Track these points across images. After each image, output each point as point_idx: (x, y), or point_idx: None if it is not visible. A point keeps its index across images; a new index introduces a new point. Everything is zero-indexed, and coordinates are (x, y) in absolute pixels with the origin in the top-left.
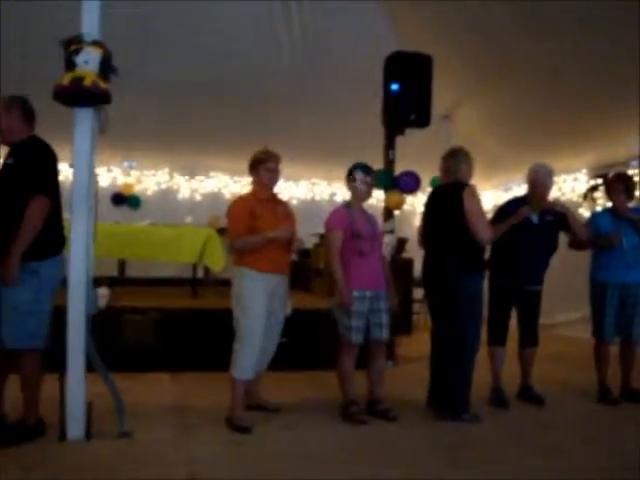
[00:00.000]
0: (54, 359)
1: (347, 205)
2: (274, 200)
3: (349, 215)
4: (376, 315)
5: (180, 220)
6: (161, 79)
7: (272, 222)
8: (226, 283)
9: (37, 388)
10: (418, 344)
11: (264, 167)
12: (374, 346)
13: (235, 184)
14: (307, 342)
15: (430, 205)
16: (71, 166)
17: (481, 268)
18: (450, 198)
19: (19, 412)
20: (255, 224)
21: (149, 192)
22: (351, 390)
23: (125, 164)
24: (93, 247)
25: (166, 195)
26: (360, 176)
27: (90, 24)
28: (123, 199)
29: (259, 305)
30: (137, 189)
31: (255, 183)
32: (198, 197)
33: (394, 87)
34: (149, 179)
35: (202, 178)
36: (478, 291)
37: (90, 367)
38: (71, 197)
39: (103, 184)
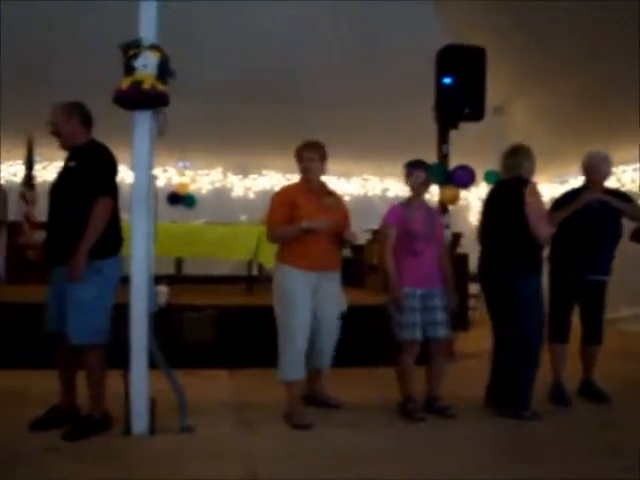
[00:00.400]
0: (118, 356)
1: (405, 202)
2: (321, 191)
3: (405, 213)
4: (430, 313)
5: (234, 218)
6: (214, 81)
7: (313, 213)
8: None
9: (102, 383)
10: (475, 340)
11: (302, 156)
12: (432, 344)
13: (288, 182)
14: (362, 338)
15: (490, 201)
16: (131, 168)
17: (539, 267)
18: (511, 195)
19: (87, 407)
20: (295, 215)
21: (203, 191)
22: (410, 388)
23: (180, 164)
24: (154, 246)
25: (220, 194)
26: (416, 172)
27: (147, 28)
28: (179, 199)
29: (299, 303)
30: (192, 188)
31: (300, 176)
32: (251, 195)
33: (447, 81)
34: (203, 178)
35: (255, 176)
36: (537, 291)
37: (153, 364)
38: (131, 198)
39: (159, 184)
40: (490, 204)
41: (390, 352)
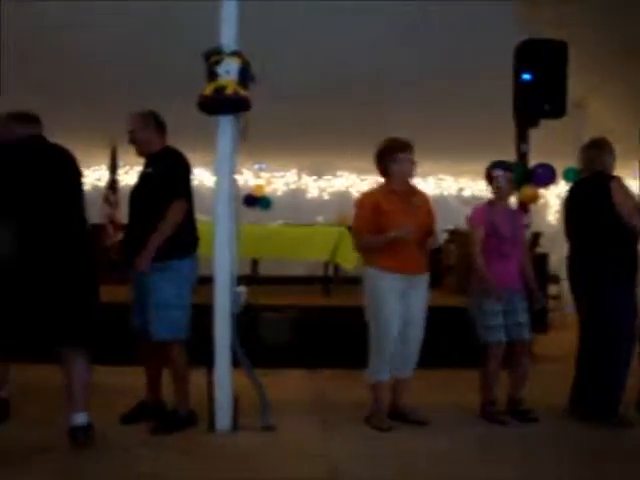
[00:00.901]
0: (202, 354)
1: (490, 203)
2: (408, 192)
3: (491, 213)
4: (514, 315)
5: (309, 219)
6: (289, 82)
7: (400, 218)
8: (356, 281)
9: (186, 379)
10: (555, 343)
11: (395, 157)
12: (517, 346)
13: (362, 182)
14: (439, 340)
15: (572, 200)
16: (213, 171)
17: (633, 275)
18: (595, 191)
19: (172, 403)
20: (382, 221)
21: (279, 193)
22: (493, 390)
23: (256, 166)
24: (237, 248)
25: (295, 195)
26: (500, 173)
27: (228, 35)
28: (255, 200)
29: (389, 307)
30: (267, 190)
31: (384, 175)
32: (326, 196)
33: (526, 77)
34: (278, 180)
35: (329, 177)
36: (628, 297)
37: (235, 362)
38: (211, 200)
39: None
40: (573, 203)
41: (468, 354)
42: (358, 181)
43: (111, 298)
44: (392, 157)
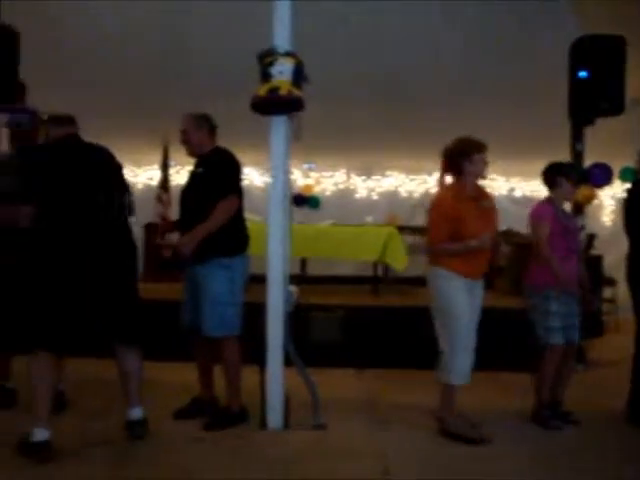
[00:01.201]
0: (254, 352)
1: (550, 200)
2: (479, 195)
3: (554, 210)
4: (571, 317)
5: (358, 220)
6: (338, 82)
7: (476, 225)
8: (406, 281)
9: (238, 376)
10: (610, 346)
11: (471, 157)
12: (569, 349)
13: (411, 182)
14: (489, 342)
15: (632, 199)
16: (269, 171)
17: None
18: None
19: (225, 400)
20: (458, 227)
21: (327, 193)
22: (547, 393)
23: (305, 166)
24: (290, 247)
25: (344, 195)
26: (566, 176)
27: (282, 36)
28: (304, 200)
29: (464, 304)
30: (316, 190)
31: (456, 178)
32: (375, 196)
33: (582, 74)
34: (327, 180)
35: (378, 177)
36: None
37: (286, 361)
38: (260, 200)
39: None
40: (633, 203)
41: (516, 357)
42: (407, 181)
43: (163, 295)
44: (468, 157)
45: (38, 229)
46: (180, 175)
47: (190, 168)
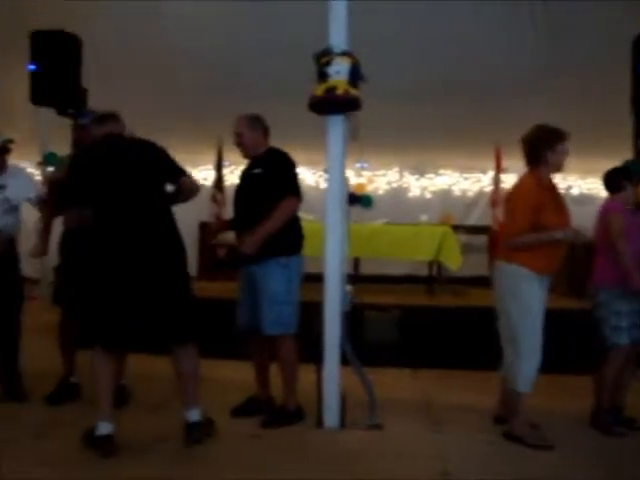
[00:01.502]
0: (310, 352)
1: (615, 200)
2: (556, 187)
3: (623, 207)
4: (637, 316)
5: (411, 218)
6: (391, 82)
7: (557, 216)
8: (459, 281)
9: (295, 376)
10: None
11: (554, 147)
12: (632, 349)
13: (465, 181)
14: (549, 344)
15: None
16: (325, 171)
17: None
18: None
19: (281, 398)
20: (541, 218)
21: (380, 192)
22: (609, 398)
23: (357, 165)
24: (347, 247)
25: (397, 194)
26: (630, 180)
27: (338, 35)
28: (356, 199)
29: (540, 306)
30: (369, 189)
31: (534, 165)
32: (428, 195)
33: None
34: (380, 179)
35: (431, 176)
36: None
37: (343, 360)
38: (326, 199)
39: None
40: None
41: (577, 359)
42: (461, 180)
43: (218, 294)
44: (552, 147)
45: (91, 229)
46: (234, 175)
47: (244, 168)
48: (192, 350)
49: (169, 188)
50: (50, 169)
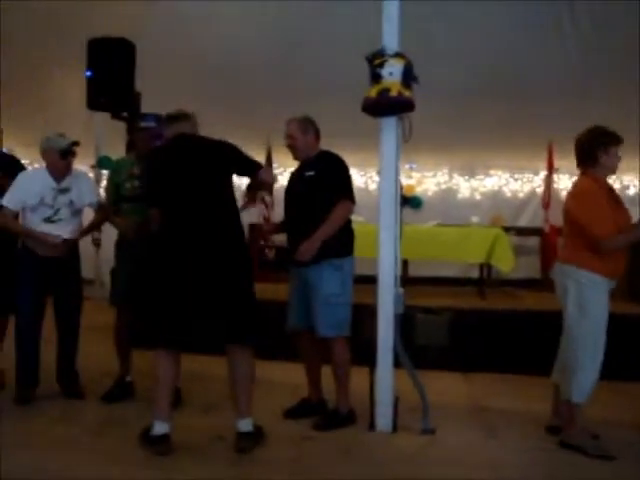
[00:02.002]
0: (363, 354)
1: None
2: (613, 188)
3: None
4: None
5: (461, 220)
6: (440, 81)
7: (624, 215)
8: (510, 283)
9: (348, 377)
10: None
11: (609, 149)
12: None
13: (516, 182)
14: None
15: None
16: (378, 173)
17: None
18: None
19: (333, 401)
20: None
21: (430, 193)
22: None
23: (407, 166)
24: (400, 249)
25: (446, 195)
26: None
27: (391, 36)
28: (405, 200)
29: (605, 316)
30: (418, 190)
31: (588, 167)
32: (478, 196)
33: None
34: (429, 180)
35: (481, 177)
36: None
37: (395, 363)
38: (379, 202)
39: None
40: None
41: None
42: (512, 181)
43: (267, 296)
44: (606, 149)
45: (159, 229)
46: (283, 177)
47: (293, 170)
48: (249, 355)
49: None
50: (104, 171)
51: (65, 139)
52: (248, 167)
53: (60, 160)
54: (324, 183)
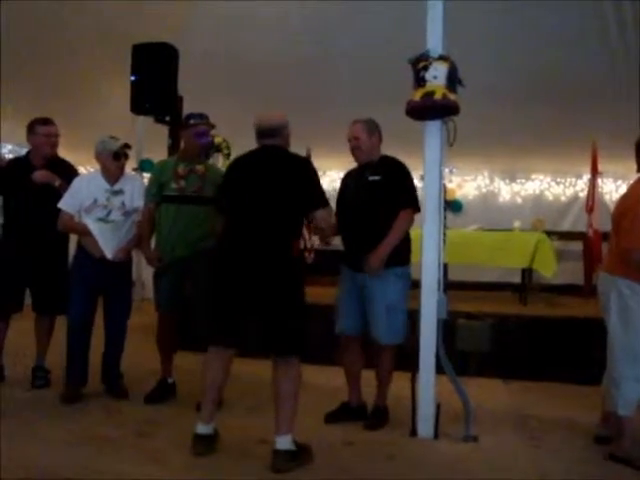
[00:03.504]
0: (404, 359)
1: None
2: None
3: None
4: None
5: (502, 224)
6: (482, 84)
7: None
8: (552, 289)
9: (390, 380)
10: None
11: None
12: None
13: (558, 186)
14: None
15: None
16: (421, 177)
17: None
18: None
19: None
20: None
21: (470, 197)
22: None
23: (447, 169)
24: (444, 254)
25: (487, 199)
26: None
27: (435, 39)
28: (446, 204)
29: None
30: (458, 194)
31: None
32: (519, 200)
33: None
34: (469, 184)
35: (523, 181)
36: None
37: (437, 369)
38: (424, 206)
39: None
40: None
41: None
42: (554, 184)
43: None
44: None
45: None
46: (323, 181)
47: (332, 173)
48: (293, 370)
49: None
50: (145, 174)
51: (117, 141)
52: (311, 200)
53: (113, 162)
54: (390, 189)
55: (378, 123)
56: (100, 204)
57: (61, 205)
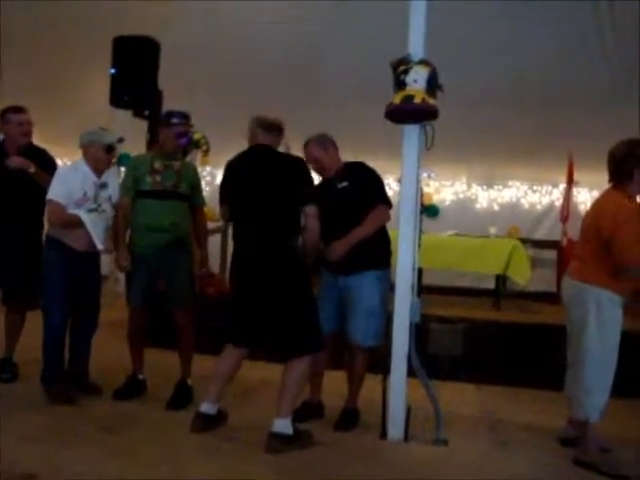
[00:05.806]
0: (378, 361)
1: None
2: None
3: None
4: None
5: (478, 230)
6: (459, 89)
7: None
8: (525, 296)
9: (362, 382)
10: None
11: None
12: None
13: (534, 194)
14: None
15: None
16: (398, 180)
17: None
18: None
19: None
20: None
21: (447, 202)
22: None
23: (425, 174)
24: (419, 257)
25: (464, 205)
26: None
27: (416, 43)
28: (422, 208)
29: (619, 332)
30: (435, 199)
31: (621, 181)
32: (496, 207)
33: None
34: (447, 189)
35: (500, 187)
36: None
37: (410, 372)
38: (399, 209)
39: None
40: None
41: None
42: (530, 192)
43: None
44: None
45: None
46: None
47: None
48: (301, 362)
49: None
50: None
51: (110, 134)
52: (302, 196)
53: (104, 155)
54: (360, 192)
55: (325, 133)
56: (90, 196)
57: (51, 196)
